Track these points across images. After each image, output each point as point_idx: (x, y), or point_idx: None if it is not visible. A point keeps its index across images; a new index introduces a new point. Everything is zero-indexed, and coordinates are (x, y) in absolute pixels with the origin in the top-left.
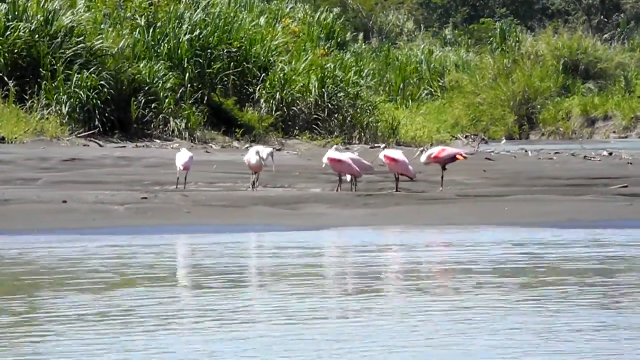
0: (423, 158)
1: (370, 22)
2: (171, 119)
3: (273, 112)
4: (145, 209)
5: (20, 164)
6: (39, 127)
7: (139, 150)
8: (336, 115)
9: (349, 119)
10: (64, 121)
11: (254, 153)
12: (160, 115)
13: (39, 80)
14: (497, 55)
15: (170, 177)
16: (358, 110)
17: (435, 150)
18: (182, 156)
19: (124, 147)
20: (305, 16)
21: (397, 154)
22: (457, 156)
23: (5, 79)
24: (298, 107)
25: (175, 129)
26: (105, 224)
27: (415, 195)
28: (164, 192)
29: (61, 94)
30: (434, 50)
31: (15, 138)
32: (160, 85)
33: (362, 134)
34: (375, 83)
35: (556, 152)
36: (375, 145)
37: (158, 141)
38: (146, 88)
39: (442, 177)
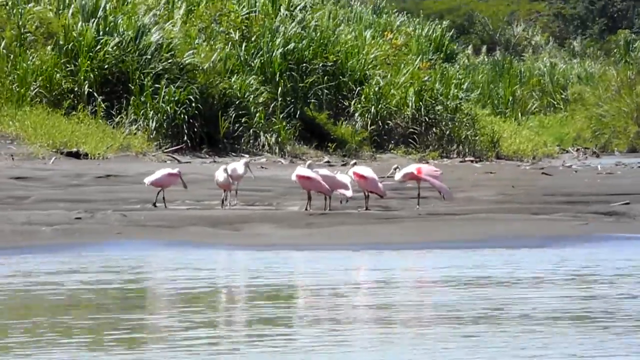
0: (398, 176)
1: (497, 35)
2: (261, 133)
3: (368, 126)
4: (73, 230)
5: (50, 180)
6: (125, 143)
7: (192, 166)
8: (434, 129)
9: (447, 132)
10: (151, 136)
11: (222, 171)
12: (251, 130)
13: (126, 95)
14: (621, 67)
15: (178, 195)
16: (457, 123)
17: (411, 169)
18: (157, 173)
19: (189, 162)
20: (414, 29)
21: (366, 171)
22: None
23: (95, 94)
24: (394, 120)
25: (266, 143)
26: (27, 244)
27: (372, 215)
28: (103, 212)
29: (149, 109)
30: (557, 62)
31: (99, 154)
32: (251, 99)
33: (461, 148)
34: (483, 96)
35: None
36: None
37: (247, 156)
38: (237, 102)
39: (418, 195)
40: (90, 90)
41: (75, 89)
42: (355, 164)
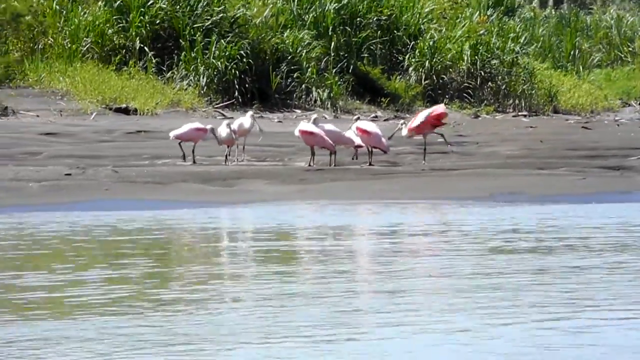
0: (404, 132)
1: None
2: (313, 88)
3: (422, 81)
4: (61, 187)
5: (79, 136)
6: (175, 99)
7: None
8: (489, 84)
9: (503, 87)
10: (201, 92)
11: (224, 126)
12: (303, 85)
13: (177, 51)
14: None
15: (206, 150)
16: (513, 78)
17: (411, 122)
18: (183, 127)
19: (231, 117)
20: None
21: (370, 126)
22: (432, 120)
23: (146, 50)
24: (449, 75)
25: (318, 99)
26: (11, 202)
27: (370, 170)
28: (95, 168)
29: (199, 64)
30: (625, 14)
31: (148, 110)
32: (303, 54)
33: (517, 102)
34: (543, 50)
35: None
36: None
37: (299, 111)
38: (289, 57)
39: (424, 150)
40: (142, 45)
41: (127, 45)
42: (358, 118)
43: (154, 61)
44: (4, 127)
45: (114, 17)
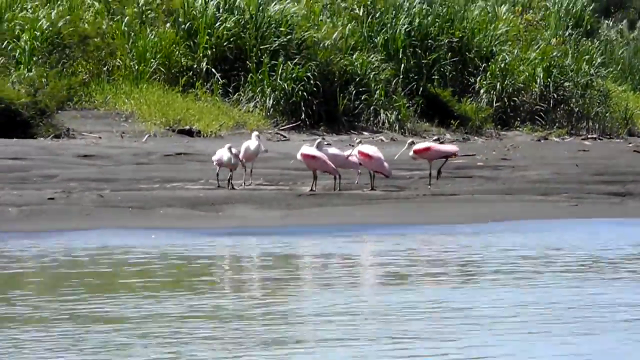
0: (410, 152)
1: None
2: (382, 110)
3: (493, 103)
4: (42, 211)
5: (114, 159)
6: (241, 121)
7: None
8: (562, 106)
9: (576, 109)
10: (268, 114)
11: (226, 149)
12: (371, 107)
13: (243, 72)
14: None
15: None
16: (587, 100)
17: (420, 146)
18: (218, 152)
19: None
20: (554, 3)
21: (371, 149)
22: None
23: (213, 70)
24: (520, 97)
25: (386, 120)
26: None
27: (360, 195)
28: (80, 192)
29: (265, 86)
30: None
31: (211, 132)
32: (372, 76)
33: (590, 125)
34: (623, 72)
35: None
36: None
37: (366, 133)
38: (357, 79)
39: (429, 174)
40: (208, 67)
41: (194, 66)
42: (360, 142)
43: (220, 82)
44: (43, 149)
45: (181, 39)
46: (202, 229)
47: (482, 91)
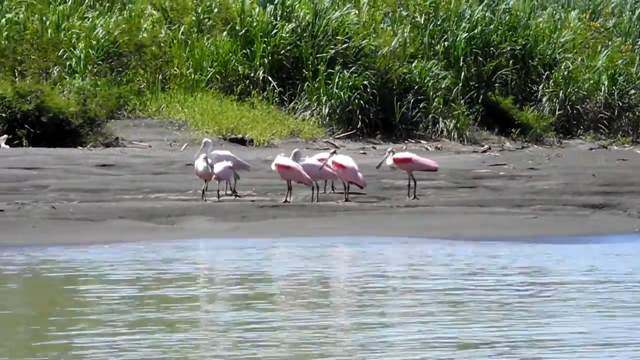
0: (389, 161)
1: None
2: (440, 119)
3: (555, 112)
4: None
5: (131, 168)
6: (296, 129)
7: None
8: (627, 114)
9: None
10: (324, 122)
11: (201, 160)
12: (429, 116)
13: (299, 81)
14: None
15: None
16: None
17: (400, 155)
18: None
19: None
20: (628, 10)
21: (345, 160)
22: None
23: (270, 79)
24: (584, 106)
25: (444, 129)
26: None
27: (318, 207)
28: (34, 203)
29: (322, 94)
30: None
31: (264, 140)
32: (430, 84)
33: None
34: None
35: None
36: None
37: (424, 142)
38: (415, 88)
39: (409, 185)
40: (265, 75)
41: (250, 75)
42: (334, 152)
43: (276, 91)
44: (62, 158)
45: (238, 47)
46: (140, 241)
47: (544, 99)
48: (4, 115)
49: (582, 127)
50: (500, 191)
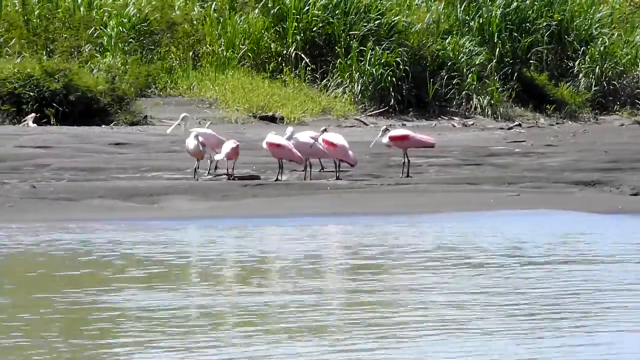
0: (385, 139)
1: None
2: (474, 95)
3: (591, 88)
4: None
5: (144, 146)
6: (328, 107)
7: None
8: None
9: None
10: (356, 100)
11: (192, 138)
12: (463, 92)
13: (332, 58)
14: None
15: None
16: None
17: (397, 132)
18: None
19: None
20: None
21: (336, 138)
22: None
23: (302, 56)
24: (621, 81)
25: (478, 105)
26: None
27: (302, 185)
28: (18, 182)
29: (354, 72)
30: None
31: (295, 118)
32: (464, 60)
33: None
34: None
35: None
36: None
37: (457, 118)
38: (449, 64)
39: (403, 163)
40: (297, 52)
41: (283, 52)
42: (325, 130)
43: (309, 68)
44: (77, 136)
45: (270, 24)
46: (114, 220)
47: (580, 75)
48: (32, 94)
49: (618, 102)
50: (505, 168)
